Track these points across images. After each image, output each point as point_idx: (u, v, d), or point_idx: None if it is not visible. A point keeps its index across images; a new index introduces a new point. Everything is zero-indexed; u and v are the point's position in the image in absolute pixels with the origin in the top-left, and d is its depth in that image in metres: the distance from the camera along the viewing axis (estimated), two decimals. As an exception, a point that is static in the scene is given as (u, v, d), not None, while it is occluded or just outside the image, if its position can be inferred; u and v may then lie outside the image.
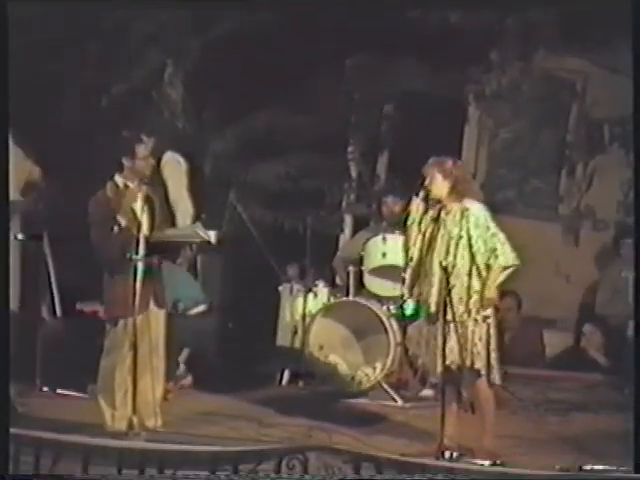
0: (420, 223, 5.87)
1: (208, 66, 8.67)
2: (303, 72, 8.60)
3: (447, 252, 5.80)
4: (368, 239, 7.46)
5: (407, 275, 5.95)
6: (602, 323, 8.31)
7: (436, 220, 5.88)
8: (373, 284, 7.39)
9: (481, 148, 9.10)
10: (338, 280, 7.92)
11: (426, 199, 5.88)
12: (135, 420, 5.98)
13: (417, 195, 5.89)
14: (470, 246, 5.78)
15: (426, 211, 5.90)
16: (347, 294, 7.53)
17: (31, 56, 7.75)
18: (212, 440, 5.90)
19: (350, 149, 9.16)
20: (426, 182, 5.88)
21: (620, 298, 8.14)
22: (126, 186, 6.19)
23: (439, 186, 5.85)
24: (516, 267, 5.80)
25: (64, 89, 8.64)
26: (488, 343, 5.80)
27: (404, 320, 7.33)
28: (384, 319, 7.24)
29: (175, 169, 6.69)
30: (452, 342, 5.75)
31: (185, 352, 7.54)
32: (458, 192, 5.86)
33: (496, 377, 5.81)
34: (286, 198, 8.84)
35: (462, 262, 5.78)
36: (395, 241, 7.25)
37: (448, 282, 5.73)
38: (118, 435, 5.96)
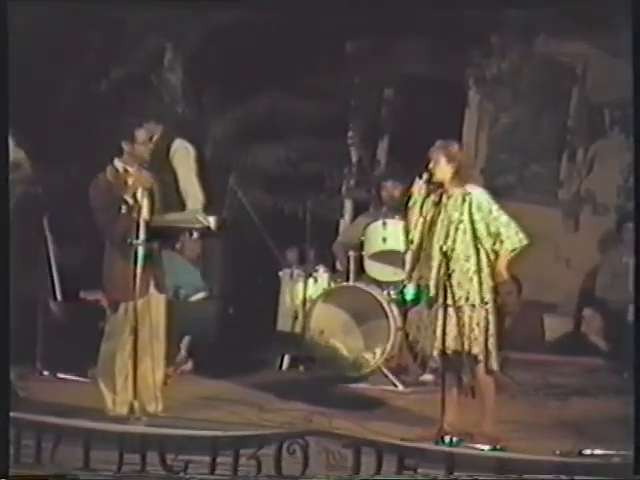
0: (422, 206, 5.86)
1: (208, 50, 8.65)
2: (303, 56, 8.57)
3: (447, 236, 5.80)
4: (368, 224, 7.46)
5: (407, 258, 5.95)
6: (602, 307, 8.31)
7: (437, 204, 5.88)
8: (373, 269, 7.39)
9: (481, 133, 9.08)
10: (338, 265, 7.92)
11: (429, 182, 5.87)
12: (136, 405, 6.00)
13: (420, 177, 5.88)
14: (474, 230, 5.78)
15: (428, 194, 5.89)
16: (347, 279, 7.53)
17: (30, 42, 7.73)
18: (213, 425, 5.92)
19: (350, 134, 9.14)
20: (430, 165, 5.88)
21: (620, 283, 8.14)
22: (126, 170, 6.20)
23: (442, 169, 5.85)
24: (525, 246, 5.80)
25: (63, 74, 8.62)
26: (486, 329, 5.80)
27: (404, 305, 7.32)
28: (384, 304, 7.24)
29: (184, 156, 6.71)
30: (451, 327, 5.75)
31: (186, 338, 7.55)
32: (461, 177, 5.85)
33: (494, 364, 5.81)
34: (286, 182, 8.82)
35: (461, 247, 5.78)
36: (395, 226, 7.24)
37: (448, 267, 5.73)
38: (119, 419, 5.98)
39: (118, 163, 6.22)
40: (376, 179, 8.88)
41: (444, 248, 5.75)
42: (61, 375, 7.11)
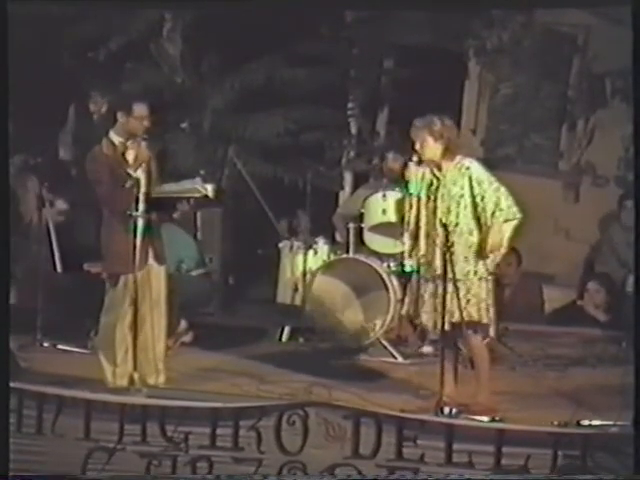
0: (418, 188, 5.82)
1: (207, 20, 8.60)
2: (303, 26, 8.53)
3: (449, 211, 5.79)
4: (368, 196, 7.43)
5: (406, 239, 5.92)
6: (601, 278, 8.32)
7: (432, 180, 5.85)
8: (373, 241, 7.37)
9: (482, 103, 9.04)
10: (338, 237, 7.92)
11: (420, 162, 5.83)
12: (136, 376, 6.02)
13: (411, 160, 5.85)
14: (475, 205, 5.77)
15: (423, 174, 5.86)
16: (347, 251, 7.53)
17: (29, 10, 7.69)
18: (213, 396, 5.94)
19: (350, 104, 9.11)
20: (416, 146, 5.83)
21: (620, 253, 8.15)
22: (121, 143, 6.15)
23: (431, 149, 5.79)
24: (518, 220, 5.80)
25: (62, 43, 8.59)
26: (487, 298, 5.81)
27: (404, 277, 7.33)
28: (384, 276, 7.24)
29: None
30: (452, 300, 5.76)
31: (186, 309, 7.55)
32: (452, 152, 5.81)
33: (491, 331, 5.84)
34: (286, 153, 8.81)
35: (465, 220, 5.77)
36: (395, 198, 7.24)
37: (447, 240, 5.73)
38: (119, 391, 6.00)
39: (114, 136, 6.17)
40: (376, 150, 8.86)
41: (444, 220, 5.75)
42: (61, 346, 7.12)
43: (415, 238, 5.86)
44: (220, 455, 5.63)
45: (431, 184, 5.84)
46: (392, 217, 7.22)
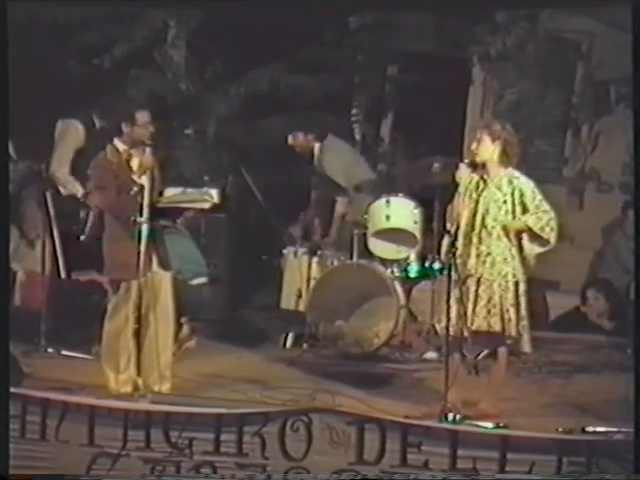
0: (467, 191, 5.82)
1: (211, 27, 8.63)
2: (306, 32, 8.55)
3: (487, 213, 5.78)
4: (372, 202, 7.45)
5: (445, 243, 5.90)
6: (605, 285, 8.31)
7: (479, 184, 5.84)
8: (377, 247, 7.38)
9: (486, 110, 9.04)
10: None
11: (472, 165, 5.83)
12: (140, 382, 6.02)
13: (463, 161, 5.84)
14: (514, 214, 5.77)
15: (472, 179, 5.86)
16: (351, 257, 7.53)
17: (32, 17, 7.72)
18: (217, 402, 5.94)
19: (354, 111, 9.12)
20: (473, 146, 5.83)
21: (624, 260, 8.14)
22: (126, 150, 6.16)
23: (487, 149, 5.81)
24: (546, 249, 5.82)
25: (66, 50, 8.61)
26: (518, 310, 5.81)
27: (408, 282, 7.33)
28: (388, 282, 7.25)
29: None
30: (481, 306, 5.77)
31: (190, 315, 7.55)
32: (508, 156, 5.83)
33: (526, 346, 5.82)
34: (290, 159, 8.81)
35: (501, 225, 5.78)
36: (399, 204, 7.25)
37: (481, 241, 5.73)
38: (124, 397, 5.99)
39: (119, 143, 6.18)
40: (380, 157, 8.87)
41: (481, 222, 5.74)
42: (65, 352, 7.12)
43: (454, 238, 5.81)
44: (224, 461, 5.63)
45: (477, 186, 5.84)
46: (396, 223, 7.24)
